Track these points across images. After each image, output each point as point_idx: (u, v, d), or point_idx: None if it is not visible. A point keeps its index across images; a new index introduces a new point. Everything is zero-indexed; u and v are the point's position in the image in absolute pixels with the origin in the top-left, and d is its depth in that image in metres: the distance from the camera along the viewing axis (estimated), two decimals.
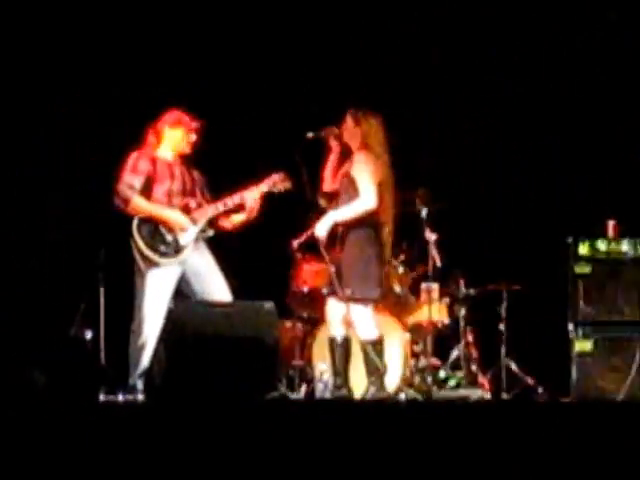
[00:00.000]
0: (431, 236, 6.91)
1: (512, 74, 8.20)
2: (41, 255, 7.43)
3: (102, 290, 7.40)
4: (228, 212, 6.47)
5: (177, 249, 6.21)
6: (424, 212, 7.01)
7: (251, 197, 6.43)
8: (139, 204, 6.22)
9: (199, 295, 6.21)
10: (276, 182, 6.47)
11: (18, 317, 6.70)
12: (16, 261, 7.20)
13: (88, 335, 6.75)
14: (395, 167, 8.23)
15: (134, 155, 6.34)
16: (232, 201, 6.40)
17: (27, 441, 3.76)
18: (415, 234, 7.35)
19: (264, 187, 6.46)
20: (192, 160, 6.59)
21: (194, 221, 6.28)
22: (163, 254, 6.16)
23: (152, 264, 6.15)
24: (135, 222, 6.18)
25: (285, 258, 7.04)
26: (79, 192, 7.63)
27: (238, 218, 6.49)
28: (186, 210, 6.30)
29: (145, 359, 5.96)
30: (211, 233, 6.39)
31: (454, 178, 7.82)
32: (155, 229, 6.19)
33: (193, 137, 6.45)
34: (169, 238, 6.20)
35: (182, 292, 6.27)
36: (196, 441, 3.87)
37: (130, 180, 6.24)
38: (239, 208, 6.47)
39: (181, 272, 6.25)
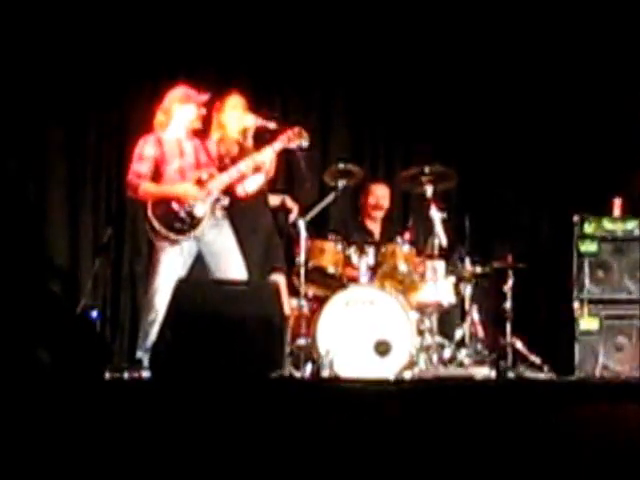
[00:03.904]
0: (436, 214, 6.91)
1: (518, 53, 8.18)
2: (46, 233, 7.44)
3: (108, 268, 7.46)
4: (244, 177, 6.37)
5: (193, 223, 6.13)
6: (430, 191, 7.00)
7: (265, 158, 6.39)
8: (147, 188, 6.18)
9: (213, 273, 6.17)
10: (291, 138, 6.41)
11: (23, 295, 6.71)
12: (21, 239, 7.21)
13: (94, 313, 6.78)
14: (398, 146, 8.36)
15: (140, 142, 6.30)
16: (246, 165, 6.32)
17: (32, 420, 3.77)
18: (421, 213, 7.36)
19: (278, 145, 6.40)
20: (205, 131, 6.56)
21: (208, 192, 6.20)
22: (179, 231, 6.10)
23: (169, 242, 6.11)
24: (149, 205, 6.14)
25: (290, 236, 7.02)
26: (84, 171, 7.67)
27: (255, 182, 6.44)
28: (198, 183, 6.21)
29: (154, 334, 5.94)
30: (226, 202, 6.28)
31: (460, 157, 7.81)
32: (168, 208, 6.13)
33: (204, 111, 6.40)
34: (183, 214, 6.13)
35: (198, 269, 6.26)
36: (201, 419, 3.88)
37: (137, 168, 6.21)
38: (255, 171, 6.39)
39: (197, 249, 6.22)
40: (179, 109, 6.35)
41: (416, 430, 3.95)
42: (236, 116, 6.70)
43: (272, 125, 6.62)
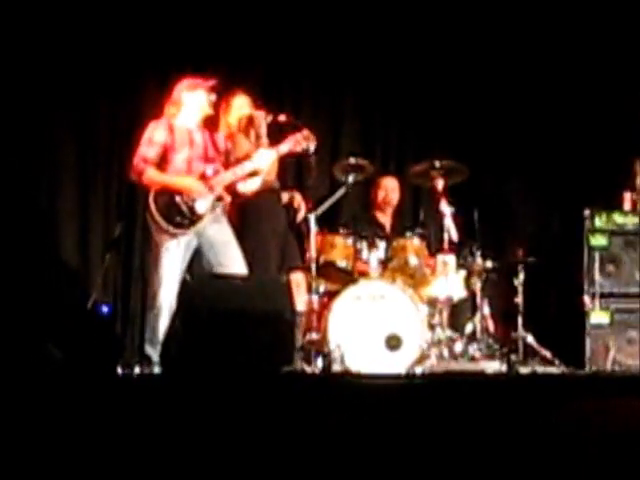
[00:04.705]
0: (447, 209, 6.90)
1: (528, 48, 8.17)
2: (57, 228, 7.45)
3: (119, 263, 7.47)
4: (248, 176, 6.33)
5: (193, 219, 6.09)
6: (440, 185, 7.00)
7: (269, 159, 6.36)
8: (152, 176, 6.13)
9: (213, 267, 6.13)
10: (298, 141, 6.35)
11: (34, 291, 6.73)
12: (32, 234, 7.22)
13: (105, 308, 6.79)
14: (408, 140, 8.35)
15: (151, 126, 6.25)
16: (251, 165, 6.27)
17: (43, 416, 3.78)
18: (431, 207, 7.36)
19: (284, 148, 6.36)
20: (215, 123, 6.55)
21: (210, 188, 6.16)
22: (178, 225, 6.07)
23: (168, 235, 6.10)
24: (151, 194, 6.13)
25: (301, 231, 7.02)
26: (95, 166, 7.67)
27: (254, 183, 6.39)
28: (203, 178, 6.17)
29: (160, 329, 5.93)
30: (228, 199, 6.27)
31: (470, 151, 7.80)
32: (171, 200, 6.10)
33: (213, 97, 6.37)
34: (184, 208, 6.10)
35: (197, 263, 6.26)
36: (211, 414, 3.89)
37: (145, 152, 6.16)
38: (258, 171, 6.34)
39: (197, 243, 6.20)
40: (189, 97, 6.30)
41: (427, 424, 3.96)
42: (244, 116, 6.68)
43: (282, 118, 6.60)
